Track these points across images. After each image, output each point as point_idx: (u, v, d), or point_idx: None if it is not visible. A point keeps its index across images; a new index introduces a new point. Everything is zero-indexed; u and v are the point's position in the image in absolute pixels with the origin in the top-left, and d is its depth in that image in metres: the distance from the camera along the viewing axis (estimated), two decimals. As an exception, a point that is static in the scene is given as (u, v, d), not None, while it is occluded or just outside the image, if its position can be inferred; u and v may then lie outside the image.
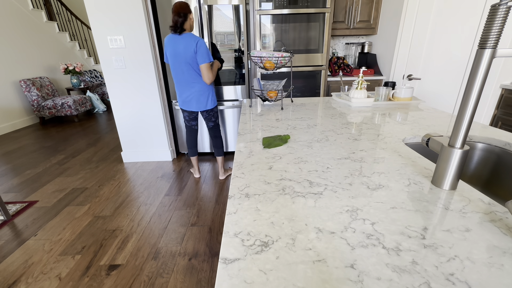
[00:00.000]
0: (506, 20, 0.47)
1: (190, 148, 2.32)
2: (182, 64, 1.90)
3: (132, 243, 1.65)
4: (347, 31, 2.83)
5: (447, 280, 0.37)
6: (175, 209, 2.00)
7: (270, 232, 0.48)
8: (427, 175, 0.67)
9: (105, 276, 1.42)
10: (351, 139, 0.95)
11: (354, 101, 1.46)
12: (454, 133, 0.58)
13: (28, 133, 4.04)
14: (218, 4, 2.34)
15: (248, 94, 2.69)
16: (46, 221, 1.89)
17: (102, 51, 2.42)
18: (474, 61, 0.52)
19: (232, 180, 0.68)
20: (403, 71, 2.58)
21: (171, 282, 1.37)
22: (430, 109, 1.35)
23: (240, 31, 2.45)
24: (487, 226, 0.48)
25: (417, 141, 0.98)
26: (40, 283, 1.38)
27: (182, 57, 1.87)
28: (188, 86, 1.99)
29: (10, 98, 4.24)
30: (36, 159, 3.03)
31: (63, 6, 5.79)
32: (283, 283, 0.38)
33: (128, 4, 2.27)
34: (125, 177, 2.52)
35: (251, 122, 1.21)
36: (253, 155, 0.83)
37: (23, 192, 2.30)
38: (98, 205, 2.08)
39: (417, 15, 2.35)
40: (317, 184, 0.64)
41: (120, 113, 2.67)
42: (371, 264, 0.40)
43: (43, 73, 4.93)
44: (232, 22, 2.42)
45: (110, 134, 3.86)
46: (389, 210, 0.53)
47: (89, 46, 6.55)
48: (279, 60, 1.47)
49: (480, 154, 0.96)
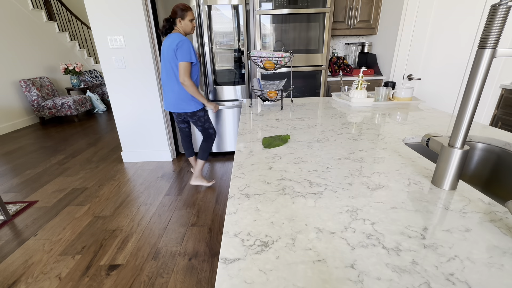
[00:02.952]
0: (506, 20, 0.47)
1: (186, 149, 2.32)
2: (166, 63, 1.88)
3: (132, 243, 1.65)
4: (347, 31, 2.83)
5: (447, 280, 0.37)
6: (175, 209, 2.00)
7: (270, 232, 0.48)
8: (427, 175, 0.67)
9: (105, 276, 1.42)
10: (351, 139, 0.95)
11: (354, 101, 1.46)
12: (454, 133, 0.58)
13: (28, 133, 4.04)
14: (217, 4, 2.34)
15: (248, 94, 2.69)
16: (46, 221, 1.89)
17: (102, 51, 2.42)
18: (474, 61, 0.52)
19: (232, 180, 0.68)
20: (403, 71, 2.58)
21: (171, 282, 1.37)
22: (430, 109, 1.35)
23: (239, 31, 2.45)
24: (487, 226, 0.48)
25: (417, 141, 0.98)
26: (40, 283, 1.38)
27: (165, 57, 1.85)
28: (168, 86, 1.93)
29: (10, 98, 4.24)
30: (36, 159, 3.03)
31: (63, 6, 5.79)
32: (283, 283, 0.38)
33: (128, 4, 2.27)
34: (125, 177, 2.52)
35: (251, 122, 1.21)
36: (253, 155, 0.83)
37: (23, 192, 2.30)
38: (98, 205, 2.08)
39: (417, 15, 2.35)
40: (317, 184, 0.64)
41: (120, 113, 2.67)
42: (371, 264, 0.40)
43: (43, 73, 4.93)
44: (231, 22, 2.42)
45: (110, 134, 3.86)
46: (389, 210, 0.53)
47: (89, 46, 6.55)
48: (279, 60, 1.47)
49: (480, 154, 0.96)
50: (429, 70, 2.42)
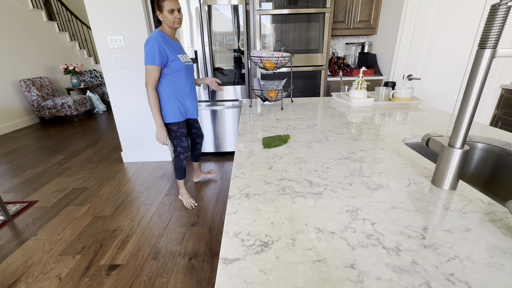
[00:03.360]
0: (506, 20, 0.47)
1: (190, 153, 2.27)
2: None
3: (132, 243, 1.65)
4: (347, 31, 2.83)
5: (447, 280, 0.37)
6: (175, 209, 2.00)
7: (270, 232, 0.48)
8: (427, 175, 0.67)
9: (105, 276, 1.42)
10: (351, 139, 0.95)
11: (354, 101, 1.46)
12: (454, 133, 0.58)
13: (28, 133, 4.04)
14: (217, 4, 2.34)
15: (248, 94, 2.69)
16: (46, 221, 1.89)
17: (102, 51, 2.42)
18: (474, 61, 0.52)
19: (232, 180, 0.68)
20: (403, 71, 2.58)
21: (171, 282, 1.37)
22: (430, 109, 1.35)
23: (239, 31, 2.45)
24: (487, 226, 0.48)
25: (417, 141, 0.98)
26: (40, 283, 1.38)
27: None
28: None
29: (10, 98, 4.24)
30: (36, 159, 3.03)
31: (63, 6, 5.79)
32: (283, 283, 0.38)
33: (128, 4, 2.27)
34: (125, 177, 2.52)
35: (251, 122, 1.21)
36: (253, 155, 0.83)
37: (23, 192, 2.30)
38: (98, 205, 2.08)
39: (417, 15, 2.34)
40: (317, 184, 0.64)
41: (120, 113, 2.67)
42: (371, 264, 0.40)
43: (43, 73, 4.93)
44: (231, 22, 2.42)
45: (110, 134, 3.86)
46: (389, 210, 0.53)
47: (89, 46, 6.55)
48: (279, 60, 1.47)
49: (480, 154, 0.96)
50: (429, 70, 2.42)
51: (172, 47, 1.61)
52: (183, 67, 1.66)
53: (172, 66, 1.61)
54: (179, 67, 1.63)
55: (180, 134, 1.79)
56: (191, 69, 1.80)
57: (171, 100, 1.69)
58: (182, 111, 1.77)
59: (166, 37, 1.58)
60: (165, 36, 1.58)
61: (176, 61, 1.61)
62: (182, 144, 1.82)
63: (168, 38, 1.60)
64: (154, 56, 1.51)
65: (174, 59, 1.60)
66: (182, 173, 1.98)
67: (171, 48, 1.59)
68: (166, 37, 1.59)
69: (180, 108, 1.74)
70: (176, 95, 1.70)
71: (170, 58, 1.58)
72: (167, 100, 1.68)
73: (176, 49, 1.64)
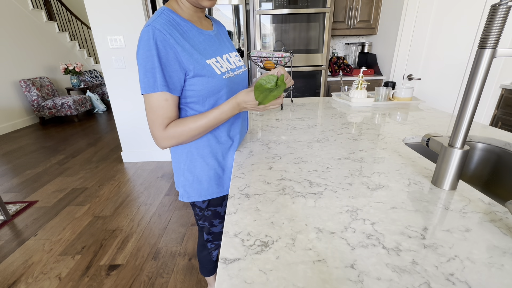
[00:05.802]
0: (506, 20, 0.47)
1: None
2: None
3: (132, 243, 1.65)
4: (347, 31, 2.83)
5: (447, 280, 0.37)
6: (175, 209, 2.00)
7: (270, 232, 0.48)
8: (427, 175, 0.67)
9: (105, 276, 1.42)
10: (351, 139, 0.95)
11: (354, 101, 1.46)
12: (454, 133, 0.58)
13: (28, 133, 4.04)
14: (217, 4, 2.34)
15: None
16: (46, 221, 1.89)
17: (102, 51, 2.42)
18: (474, 61, 0.52)
19: (232, 180, 0.68)
20: (403, 71, 2.58)
21: (171, 282, 1.37)
22: (430, 109, 1.35)
23: (240, 31, 2.45)
24: (487, 226, 0.48)
25: (417, 141, 0.98)
26: (40, 283, 1.38)
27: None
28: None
29: (10, 98, 4.24)
30: (36, 159, 3.03)
31: (63, 6, 5.78)
32: (283, 283, 0.38)
33: (128, 4, 2.27)
34: (125, 177, 2.52)
35: (251, 122, 1.21)
36: (253, 155, 0.83)
37: (23, 192, 2.30)
38: (98, 205, 2.08)
39: (417, 15, 2.34)
40: (317, 184, 0.64)
41: (120, 113, 2.67)
42: (371, 264, 0.40)
43: (43, 73, 4.93)
44: (231, 22, 2.42)
45: (110, 134, 3.86)
46: (389, 210, 0.53)
47: (89, 46, 6.55)
48: (279, 60, 1.47)
49: (480, 154, 0.96)
50: (429, 70, 2.42)
51: (195, 43, 0.70)
52: (222, 85, 0.73)
53: (197, 86, 0.70)
54: (214, 86, 0.72)
55: (210, 214, 0.93)
56: (243, 81, 0.85)
57: (202, 157, 0.81)
58: (219, 176, 0.86)
59: (180, 22, 0.69)
60: (179, 21, 0.68)
61: (205, 75, 0.69)
62: (211, 230, 0.98)
63: (185, 24, 0.70)
64: (154, 74, 0.63)
65: (199, 72, 0.68)
66: (212, 268, 1.13)
67: (192, 47, 0.68)
68: (181, 23, 0.69)
69: (217, 173, 0.85)
70: (213, 147, 0.82)
71: (190, 70, 0.67)
72: (194, 157, 0.81)
73: (205, 46, 0.73)
